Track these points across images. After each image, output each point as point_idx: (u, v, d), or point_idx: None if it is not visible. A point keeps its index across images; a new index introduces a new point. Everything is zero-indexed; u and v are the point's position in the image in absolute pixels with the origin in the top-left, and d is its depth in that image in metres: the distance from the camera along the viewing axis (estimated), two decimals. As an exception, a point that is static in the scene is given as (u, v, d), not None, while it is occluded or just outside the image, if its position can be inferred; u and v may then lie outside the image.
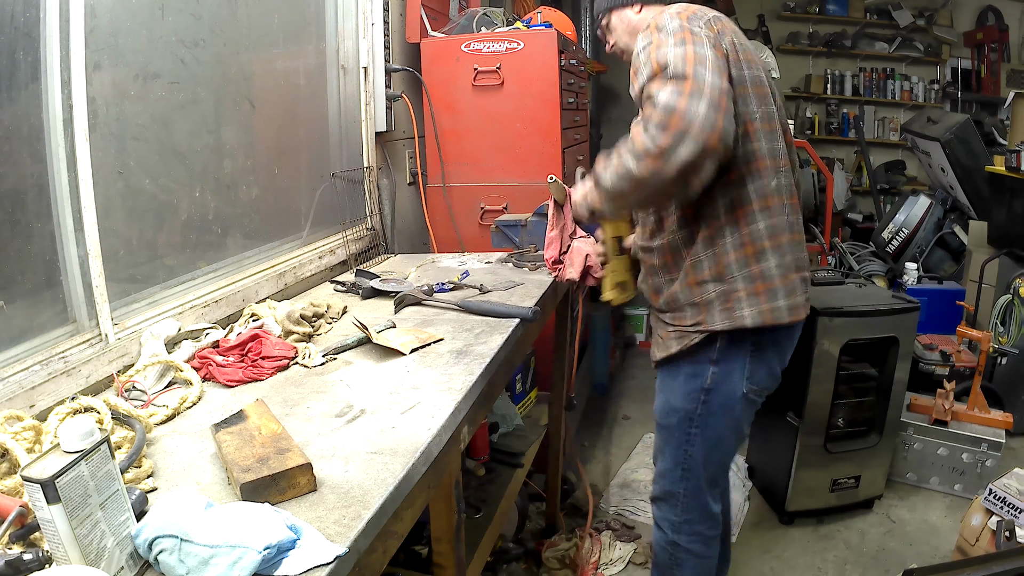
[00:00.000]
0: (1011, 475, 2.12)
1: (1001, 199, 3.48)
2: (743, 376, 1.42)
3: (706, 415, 1.46)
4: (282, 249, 2.01)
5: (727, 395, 1.43)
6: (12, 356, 1.18)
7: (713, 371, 1.41)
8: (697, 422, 1.47)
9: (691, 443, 1.50)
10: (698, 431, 1.48)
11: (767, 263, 1.33)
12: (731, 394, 1.43)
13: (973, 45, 5.97)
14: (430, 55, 2.55)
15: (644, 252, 1.50)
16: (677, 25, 1.24)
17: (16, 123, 1.20)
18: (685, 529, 1.60)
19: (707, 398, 1.44)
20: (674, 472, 1.55)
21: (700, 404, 1.45)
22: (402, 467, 0.95)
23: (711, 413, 1.46)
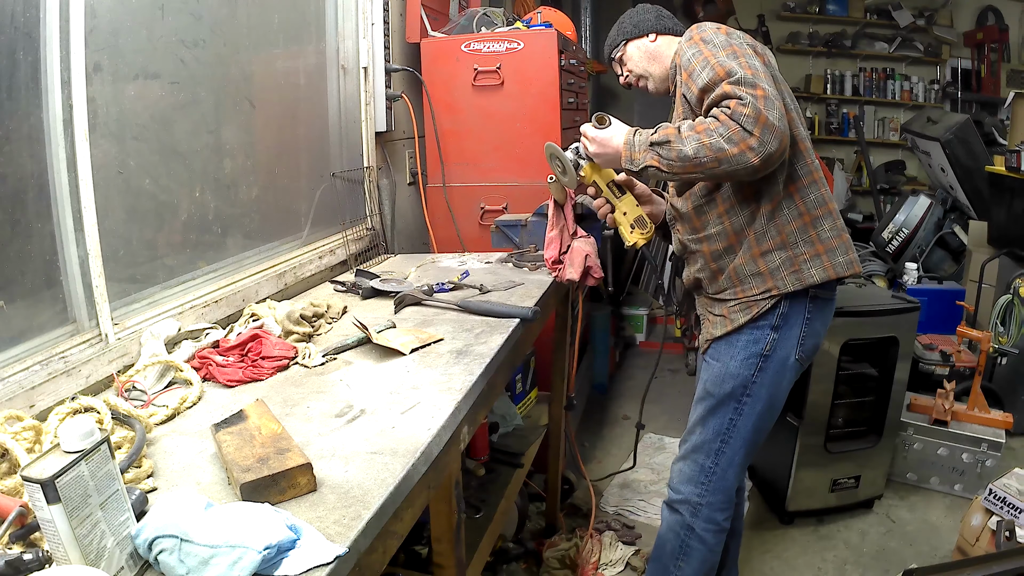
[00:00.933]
0: (1011, 475, 2.12)
1: (1001, 199, 3.48)
2: (797, 342, 1.54)
3: (760, 382, 1.56)
4: (282, 249, 2.01)
5: (782, 360, 1.55)
6: (12, 356, 1.18)
7: (773, 336, 1.53)
8: (751, 389, 1.57)
9: (739, 412, 1.59)
10: (749, 399, 1.57)
11: (822, 227, 1.50)
12: (785, 359, 1.55)
13: (973, 45, 5.97)
14: (430, 55, 2.55)
15: (700, 243, 1.60)
16: (723, 40, 1.42)
17: (16, 123, 1.20)
18: (703, 513, 1.64)
19: (764, 364, 1.55)
20: (712, 444, 1.62)
21: (757, 370, 1.55)
22: (402, 467, 0.95)
23: (765, 380, 1.56)
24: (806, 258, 1.50)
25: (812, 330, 1.57)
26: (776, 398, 1.60)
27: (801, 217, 1.50)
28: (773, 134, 1.31)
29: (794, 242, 1.50)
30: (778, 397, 1.61)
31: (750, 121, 1.31)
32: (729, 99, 1.34)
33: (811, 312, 1.55)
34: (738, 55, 1.38)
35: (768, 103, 1.31)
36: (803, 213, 1.50)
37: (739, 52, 1.39)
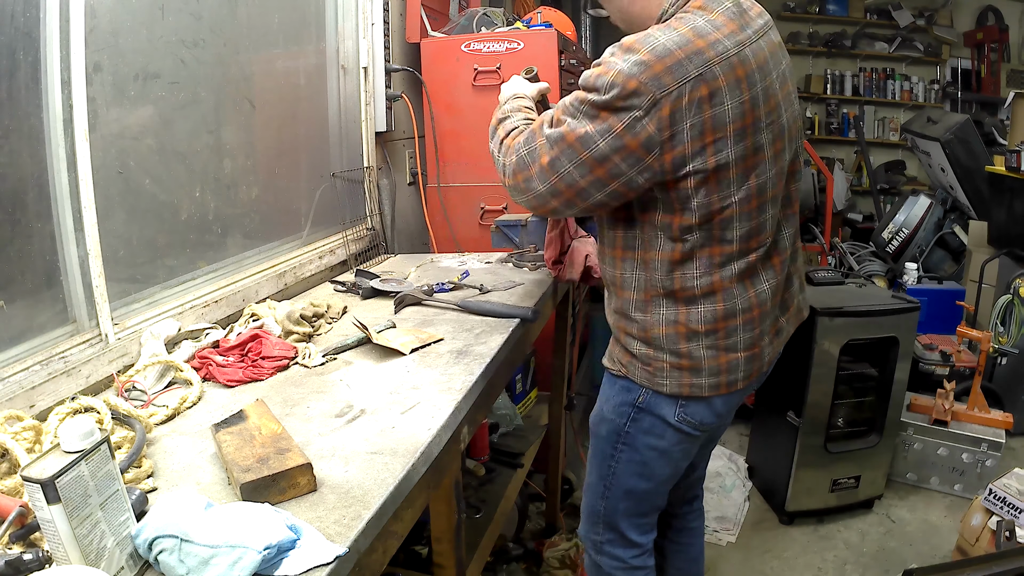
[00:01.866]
0: (1011, 475, 2.12)
1: (1001, 199, 3.48)
2: (676, 405, 1.30)
3: (634, 433, 1.36)
4: (282, 249, 2.01)
5: (657, 419, 1.32)
6: (12, 356, 1.18)
7: (646, 390, 1.31)
8: (624, 439, 1.37)
9: (616, 460, 1.41)
10: (624, 448, 1.38)
11: (696, 344, 1.24)
12: (661, 419, 1.32)
13: (973, 45, 5.97)
14: (430, 55, 2.55)
15: None
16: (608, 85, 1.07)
17: (16, 123, 1.20)
18: (606, 551, 1.51)
19: (637, 416, 1.34)
20: (597, 487, 1.47)
21: (629, 420, 1.35)
22: (402, 467, 0.95)
23: (639, 432, 1.35)
24: (663, 366, 1.27)
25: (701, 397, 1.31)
26: (657, 456, 1.37)
27: (676, 326, 1.24)
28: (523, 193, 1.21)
29: (659, 347, 1.26)
30: (660, 456, 1.37)
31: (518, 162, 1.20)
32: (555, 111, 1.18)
33: None
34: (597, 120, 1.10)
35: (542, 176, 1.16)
36: (679, 323, 1.24)
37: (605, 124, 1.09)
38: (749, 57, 1.11)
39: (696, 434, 1.35)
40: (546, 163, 1.16)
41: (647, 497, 1.46)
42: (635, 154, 1.10)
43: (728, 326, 1.24)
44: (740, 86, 1.09)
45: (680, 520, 1.71)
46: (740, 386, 1.30)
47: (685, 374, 1.26)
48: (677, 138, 1.08)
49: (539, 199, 1.20)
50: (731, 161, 1.12)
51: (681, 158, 1.10)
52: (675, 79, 1.05)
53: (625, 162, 1.10)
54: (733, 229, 1.17)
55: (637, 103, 1.06)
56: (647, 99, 1.06)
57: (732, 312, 1.23)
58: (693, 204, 1.14)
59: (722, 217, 1.16)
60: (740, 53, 1.10)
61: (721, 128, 1.09)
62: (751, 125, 1.12)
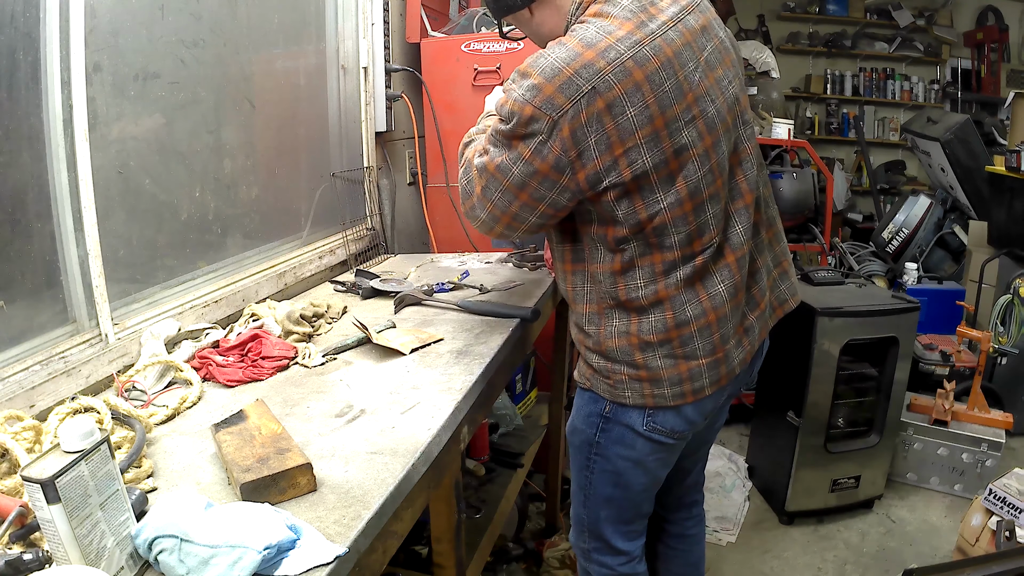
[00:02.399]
0: (1011, 475, 2.12)
1: (1001, 199, 3.48)
2: (643, 415, 1.25)
3: (605, 444, 1.32)
4: (282, 249, 2.01)
5: (625, 428, 1.28)
6: (12, 356, 1.18)
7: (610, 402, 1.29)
8: (596, 449, 1.34)
9: (591, 470, 1.37)
10: (598, 458, 1.35)
11: (650, 354, 1.20)
12: (629, 428, 1.27)
13: (973, 45, 5.97)
14: (430, 55, 2.55)
15: None
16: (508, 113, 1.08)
17: (16, 123, 1.20)
18: (594, 558, 1.48)
19: (606, 426, 1.30)
20: (578, 495, 1.45)
21: (599, 431, 1.32)
22: (402, 467, 0.95)
23: (610, 443, 1.32)
24: (622, 379, 1.23)
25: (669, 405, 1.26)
26: (631, 465, 1.33)
27: (628, 336, 1.20)
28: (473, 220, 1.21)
29: (615, 359, 1.23)
30: (633, 466, 1.33)
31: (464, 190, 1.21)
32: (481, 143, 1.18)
33: None
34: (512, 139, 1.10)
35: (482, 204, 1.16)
36: (631, 334, 1.20)
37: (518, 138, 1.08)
38: (650, 56, 1.04)
39: (669, 442, 1.29)
40: (479, 192, 1.17)
41: (627, 505, 1.41)
42: (549, 177, 1.09)
43: (682, 335, 1.18)
44: (641, 90, 1.03)
45: (677, 526, 1.67)
46: (708, 392, 1.24)
47: (646, 385, 1.22)
48: (585, 156, 1.06)
49: (484, 225, 1.21)
50: (648, 169, 1.07)
51: (595, 174, 1.07)
52: (567, 98, 1.02)
53: (543, 185, 1.10)
54: (670, 235, 1.13)
55: (537, 128, 1.05)
56: (545, 123, 1.04)
57: (684, 320, 1.18)
58: (619, 215, 1.11)
59: (653, 225, 1.12)
60: (637, 54, 1.03)
61: (629, 137, 1.04)
62: (664, 128, 1.06)
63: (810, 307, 2.36)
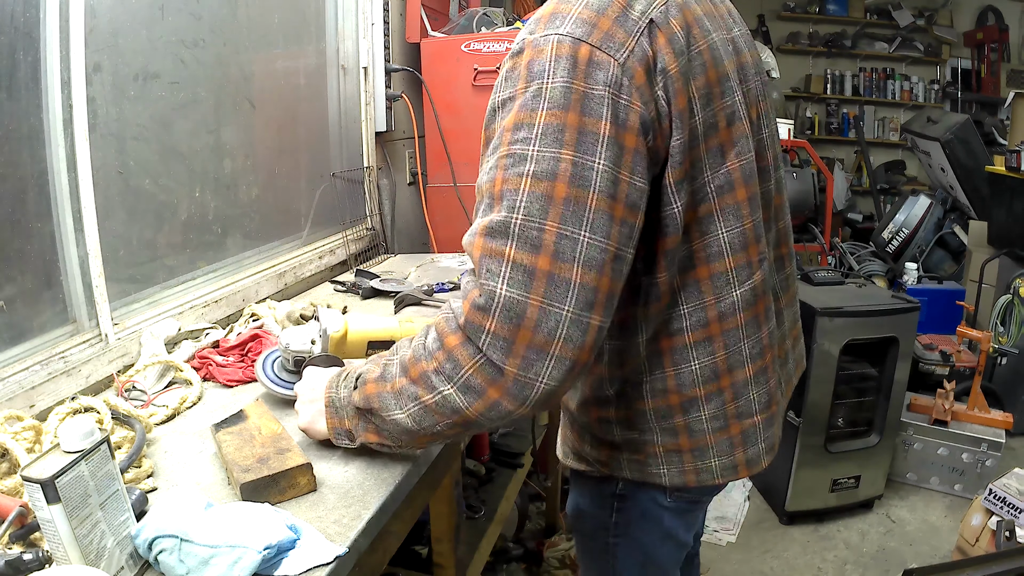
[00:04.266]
0: (1011, 475, 2.12)
1: (1001, 199, 3.48)
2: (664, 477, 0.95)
3: (623, 524, 1.02)
4: (282, 249, 2.01)
5: (645, 502, 0.99)
6: (12, 356, 1.18)
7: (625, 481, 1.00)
8: (614, 532, 1.04)
9: (614, 555, 1.06)
10: (619, 540, 1.04)
11: (695, 415, 0.90)
12: (651, 501, 0.99)
13: (973, 45, 5.97)
14: (430, 55, 2.55)
15: None
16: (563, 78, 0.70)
17: (16, 123, 1.20)
18: None
19: (621, 505, 1.01)
20: None
21: (614, 511, 1.02)
22: (402, 467, 0.95)
23: (630, 522, 1.02)
24: (655, 452, 0.92)
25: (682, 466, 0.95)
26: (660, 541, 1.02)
27: (666, 396, 0.89)
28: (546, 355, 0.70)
29: (647, 428, 0.91)
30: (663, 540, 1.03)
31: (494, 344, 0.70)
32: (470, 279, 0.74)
33: None
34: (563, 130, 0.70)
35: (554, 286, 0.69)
36: (670, 391, 0.89)
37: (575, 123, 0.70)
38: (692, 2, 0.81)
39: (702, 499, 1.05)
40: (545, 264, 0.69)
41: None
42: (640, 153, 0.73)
43: (735, 382, 0.89)
44: (692, 32, 0.78)
45: None
46: (764, 464, 0.96)
47: (687, 457, 0.92)
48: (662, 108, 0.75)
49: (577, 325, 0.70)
50: (700, 133, 0.79)
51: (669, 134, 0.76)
52: (628, 33, 0.73)
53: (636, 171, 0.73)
54: (718, 234, 0.83)
55: (604, 78, 0.71)
56: (613, 69, 0.71)
57: (738, 362, 0.89)
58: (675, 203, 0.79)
59: (698, 216, 0.82)
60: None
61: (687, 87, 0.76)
62: (717, 84, 0.80)
63: (810, 307, 2.36)
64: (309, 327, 1.17)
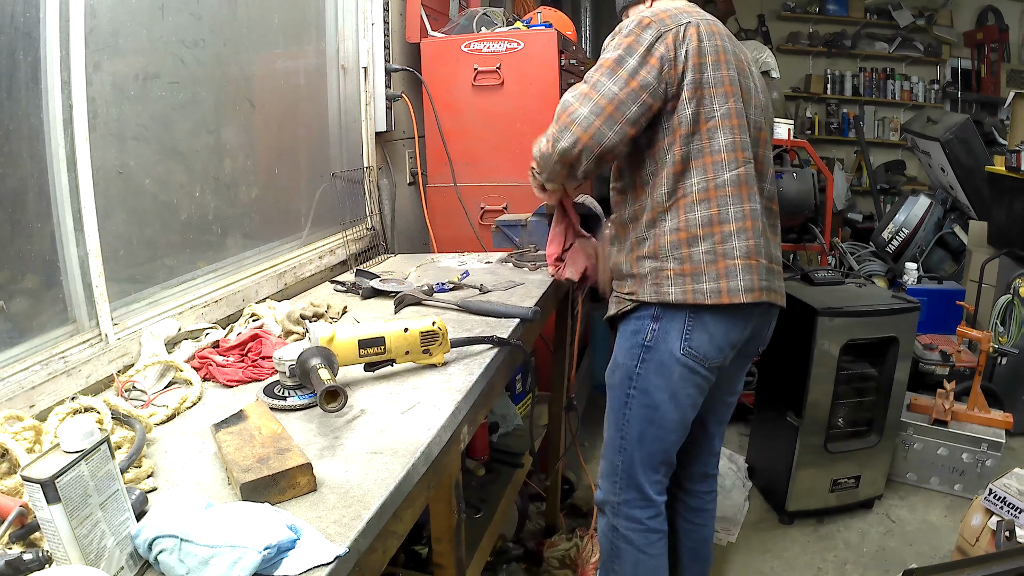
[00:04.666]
0: (1011, 475, 2.12)
1: (1001, 199, 3.48)
2: (680, 336, 1.48)
3: (645, 374, 1.53)
4: (282, 249, 2.01)
5: (664, 353, 1.50)
6: (12, 356, 1.18)
7: (653, 327, 1.50)
8: (636, 381, 1.54)
9: (629, 406, 1.56)
10: (635, 392, 1.54)
11: (696, 248, 1.45)
12: (668, 352, 1.50)
13: (973, 45, 5.97)
14: (430, 55, 2.55)
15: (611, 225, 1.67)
16: (627, 31, 1.44)
17: (16, 123, 1.20)
18: (623, 512, 1.62)
19: (646, 356, 1.52)
20: (615, 440, 1.61)
21: (639, 361, 1.53)
22: (402, 467, 0.95)
23: (649, 372, 1.52)
24: (669, 275, 1.47)
25: (703, 326, 1.48)
26: (666, 395, 1.53)
27: (677, 232, 1.47)
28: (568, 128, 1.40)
29: (665, 255, 1.48)
30: (668, 395, 1.53)
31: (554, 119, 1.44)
32: None
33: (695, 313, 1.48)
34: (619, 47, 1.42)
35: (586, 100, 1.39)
36: (680, 229, 1.46)
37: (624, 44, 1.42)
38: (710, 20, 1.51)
39: (701, 371, 1.51)
40: (584, 93, 1.41)
41: (658, 446, 1.57)
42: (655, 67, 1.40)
43: (724, 231, 1.44)
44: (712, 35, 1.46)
45: (696, 499, 1.79)
46: (742, 298, 1.44)
47: (688, 280, 1.45)
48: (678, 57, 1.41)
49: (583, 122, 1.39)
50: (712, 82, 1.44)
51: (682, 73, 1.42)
52: (674, 22, 1.43)
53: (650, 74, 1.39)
54: (718, 137, 1.44)
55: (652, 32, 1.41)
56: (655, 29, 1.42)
57: (726, 218, 1.44)
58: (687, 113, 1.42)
59: (708, 127, 1.44)
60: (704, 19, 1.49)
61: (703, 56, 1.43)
62: (724, 62, 1.45)
63: (810, 307, 2.36)
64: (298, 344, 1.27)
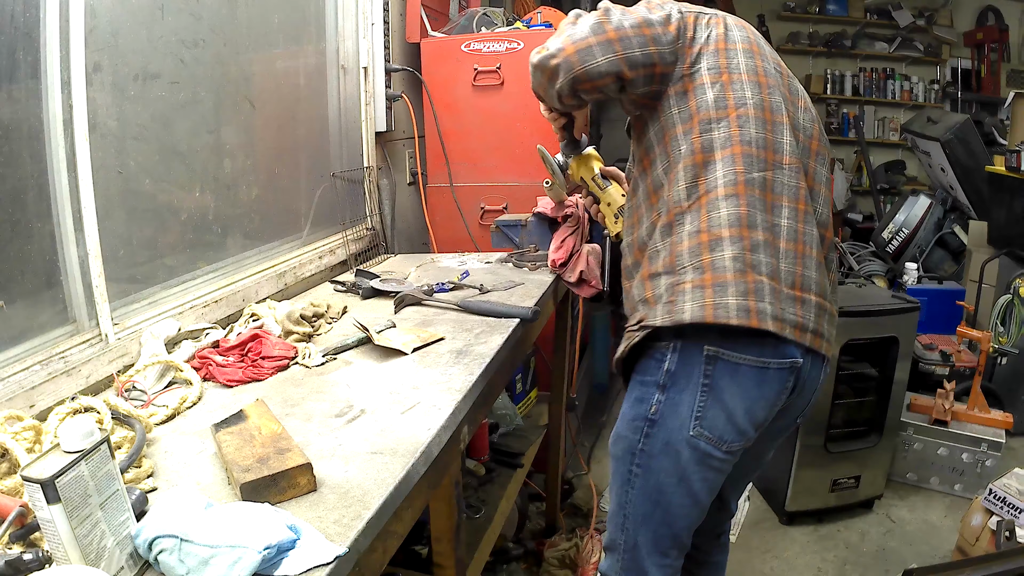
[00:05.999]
0: (1011, 475, 2.12)
1: (1001, 199, 3.48)
2: (691, 412, 1.18)
3: (649, 453, 1.24)
4: (282, 249, 2.01)
5: (671, 432, 1.21)
6: (12, 356, 1.18)
7: (659, 398, 1.21)
8: (639, 459, 1.26)
9: (632, 484, 1.28)
10: (639, 471, 1.26)
11: (720, 253, 1.15)
12: (675, 432, 1.20)
13: (973, 45, 5.97)
14: (430, 55, 2.55)
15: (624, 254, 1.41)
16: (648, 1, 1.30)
17: (16, 123, 1.20)
18: None
19: (650, 431, 1.23)
20: (617, 517, 1.34)
21: (643, 436, 1.24)
22: (402, 467, 0.95)
23: (653, 452, 1.23)
24: (685, 288, 1.16)
25: (717, 396, 1.17)
26: (674, 480, 1.23)
27: (698, 235, 1.17)
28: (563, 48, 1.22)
29: (682, 265, 1.17)
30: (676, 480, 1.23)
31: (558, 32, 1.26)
32: None
33: (711, 373, 1.17)
34: None
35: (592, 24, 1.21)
36: (701, 231, 1.17)
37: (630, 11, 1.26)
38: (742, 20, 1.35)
39: (716, 455, 1.21)
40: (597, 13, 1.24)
41: (665, 530, 1.30)
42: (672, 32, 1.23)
43: (753, 236, 1.15)
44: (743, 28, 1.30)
45: (703, 554, 1.57)
46: (772, 327, 1.13)
47: (708, 292, 1.14)
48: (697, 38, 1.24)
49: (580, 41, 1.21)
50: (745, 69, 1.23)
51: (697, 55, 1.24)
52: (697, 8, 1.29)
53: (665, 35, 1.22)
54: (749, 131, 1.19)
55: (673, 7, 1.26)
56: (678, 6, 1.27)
57: (754, 223, 1.16)
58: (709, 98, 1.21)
59: (738, 114, 1.20)
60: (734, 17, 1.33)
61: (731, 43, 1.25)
62: (758, 54, 1.27)
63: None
64: None
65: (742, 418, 1.19)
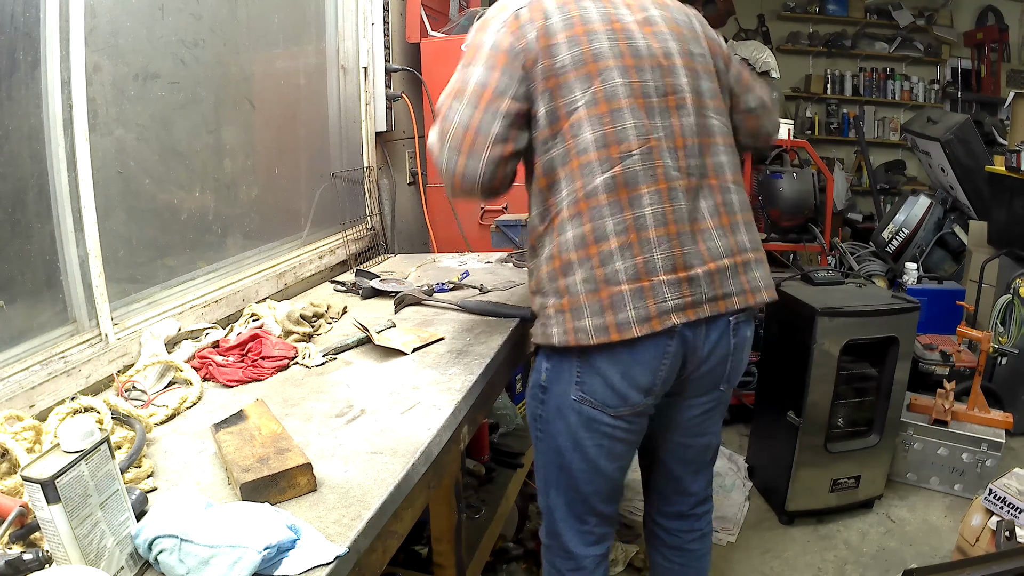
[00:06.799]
0: (1011, 475, 2.12)
1: (1001, 199, 3.48)
2: (571, 380, 1.22)
3: (545, 418, 1.30)
4: (282, 249, 2.01)
5: (559, 397, 1.25)
6: (12, 356, 1.18)
7: (547, 367, 1.27)
8: (540, 423, 1.32)
9: (539, 449, 1.35)
10: (542, 435, 1.32)
11: (571, 277, 1.16)
12: (562, 396, 1.25)
13: (973, 45, 5.97)
14: (430, 55, 2.55)
15: None
16: (471, 36, 1.23)
17: (16, 123, 1.20)
18: (546, 554, 1.44)
19: (544, 397, 1.29)
20: (539, 481, 1.41)
21: (539, 403, 1.30)
22: (402, 467, 0.95)
23: (549, 417, 1.29)
24: (549, 313, 1.20)
25: (594, 369, 1.20)
26: (569, 441, 1.27)
27: (551, 260, 1.19)
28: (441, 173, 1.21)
29: (543, 290, 1.21)
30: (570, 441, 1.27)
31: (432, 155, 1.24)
32: None
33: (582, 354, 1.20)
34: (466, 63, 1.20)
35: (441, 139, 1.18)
36: (553, 256, 1.19)
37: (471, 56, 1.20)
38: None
39: (605, 419, 1.23)
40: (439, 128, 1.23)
41: (573, 495, 1.33)
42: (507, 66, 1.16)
43: (603, 250, 1.14)
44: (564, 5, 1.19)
45: (675, 538, 1.54)
46: (636, 332, 1.13)
47: (567, 317, 1.16)
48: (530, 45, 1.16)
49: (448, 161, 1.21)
50: (567, 65, 1.15)
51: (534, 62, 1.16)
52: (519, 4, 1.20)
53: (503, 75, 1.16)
54: (583, 134, 1.15)
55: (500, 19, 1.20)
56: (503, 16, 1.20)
57: (603, 233, 1.14)
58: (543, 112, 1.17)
59: (571, 122, 1.16)
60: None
61: (551, 36, 1.16)
62: (584, 33, 1.17)
63: (810, 307, 2.36)
64: None
65: (619, 383, 1.19)
